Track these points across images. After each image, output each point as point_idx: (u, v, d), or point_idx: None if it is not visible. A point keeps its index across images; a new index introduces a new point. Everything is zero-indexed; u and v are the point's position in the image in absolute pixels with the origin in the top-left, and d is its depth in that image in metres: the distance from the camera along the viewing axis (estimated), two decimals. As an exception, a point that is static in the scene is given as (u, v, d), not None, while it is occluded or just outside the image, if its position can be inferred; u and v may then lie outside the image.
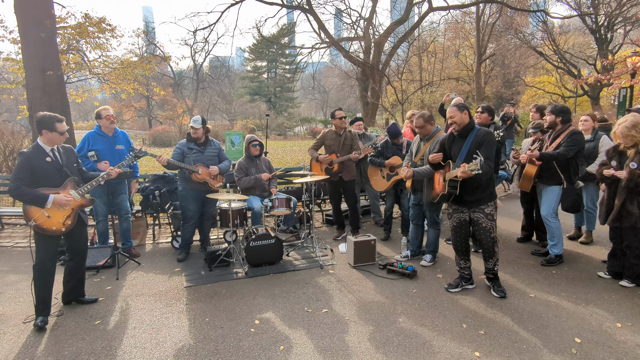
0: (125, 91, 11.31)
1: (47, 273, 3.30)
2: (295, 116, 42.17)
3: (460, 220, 3.71)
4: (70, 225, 3.33)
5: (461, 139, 3.59)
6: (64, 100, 7.53)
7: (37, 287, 3.27)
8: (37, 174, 3.20)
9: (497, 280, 3.77)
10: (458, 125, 3.55)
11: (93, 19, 9.62)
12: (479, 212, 3.57)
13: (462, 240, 3.75)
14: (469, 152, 3.47)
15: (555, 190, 4.27)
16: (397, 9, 25.67)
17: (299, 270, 4.39)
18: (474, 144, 3.47)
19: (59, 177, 3.30)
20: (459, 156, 3.56)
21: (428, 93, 25.52)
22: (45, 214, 3.18)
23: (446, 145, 3.74)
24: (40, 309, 3.27)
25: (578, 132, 4.18)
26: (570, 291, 3.76)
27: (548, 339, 2.98)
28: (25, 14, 6.93)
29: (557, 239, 4.34)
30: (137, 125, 39.37)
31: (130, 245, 4.96)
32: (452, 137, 3.69)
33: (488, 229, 3.57)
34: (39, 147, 3.27)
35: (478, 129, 3.55)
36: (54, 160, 3.30)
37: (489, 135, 3.48)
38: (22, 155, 3.21)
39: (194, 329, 3.18)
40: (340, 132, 5.30)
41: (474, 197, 3.55)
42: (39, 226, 3.16)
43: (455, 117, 3.53)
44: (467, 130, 3.55)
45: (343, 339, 3.01)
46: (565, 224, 4.87)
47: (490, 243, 3.61)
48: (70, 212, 3.32)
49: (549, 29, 22.36)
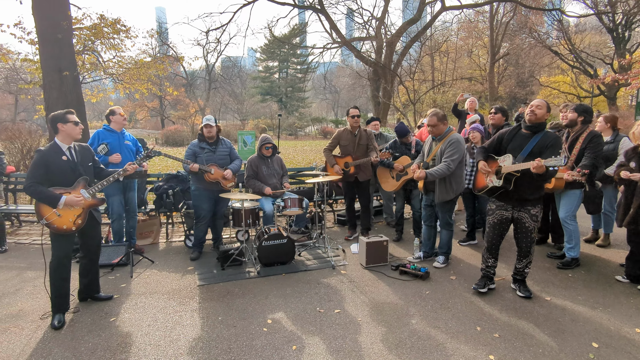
0: (139, 91, 11.46)
1: (63, 270, 3.34)
2: (307, 116, 42.17)
3: (501, 218, 3.62)
4: (80, 224, 3.35)
5: (528, 134, 3.45)
6: (79, 100, 7.66)
7: (54, 283, 3.31)
8: (52, 172, 3.23)
9: (524, 283, 3.71)
10: (537, 118, 3.38)
11: (108, 20, 9.78)
12: (524, 212, 3.49)
13: (498, 238, 3.68)
14: (533, 150, 3.35)
15: (577, 194, 4.18)
16: (409, 9, 25.49)
17: (311, 270, 4.39)
18: (540, 144, 3.35)
19: (73, 176, 3.33)
20: (521, 152, 3.42)
21: (440, 93, 25.30)
22: (56, 212, 3.22)
23: (505, 138, 3.60)
24: (57, 306, 3.31)
25: (598, 135, 4.08)
26: (587, 295, 3.69)
27: (565, 343, 2.92)
28: (43, 16, 7.07)
29: (575, 242, 4.26)
30: (150, 125, 39.85)
31: (134, 242, 5.03)
32: (514, 132, 3.57)
33: (530, 229, 3.51)
34: (56, 146, 3.31)
35: (546, 131, 3.43)
36: (70, 160, 3.33)
37: (558, 140, 3.35)
38: (39, 153, 3.25)
39: (207, 328, 3.20)
40: (355, 132, 5.21)
41: (524, 197, 3.44)
42: (50, 225, 3.20)
43: (541, 110, 3.37)
44: (539, 127, 3.42)
45: (355, 340, 3.00)
46: (582, 226, 4.78)
47: (529, 243, 3.55)
48: (81, 211, 3.34)
49: (564, 27, 21.96)
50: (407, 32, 18.14)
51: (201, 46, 19.99)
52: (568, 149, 4.18)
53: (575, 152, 4.11)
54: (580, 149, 4.07)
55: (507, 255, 4.66)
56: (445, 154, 4.10)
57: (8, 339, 3.08)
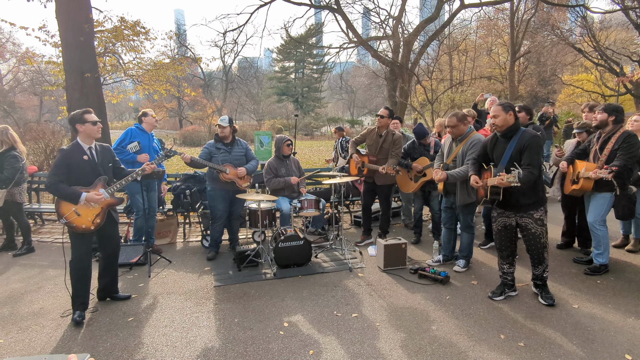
0: (158, 92, 11.62)
1: (84, 268, 3.38)
2: (323, 116, 42.15)
3: (504, 225, 3.50)
4: (99, 223, 3.37)
5: (505, 141, 3.37)
6: (100, 101, 7.80)
7: (74, 282, 3.35)
8: (73, 171, 3.28)
9: (545, 287, 3.56)
10: (499, 126, 3.33)
11: (128, 22, 9.93)
12: (528, 218, 3.36)
13: (507, 244, 3.55)
14: (512, 156, 3.26)
15: (607, 197, 3.98)
16: (427, 7, 25.16)
17: (328, 272, 4.33)
18: (517, 149, 3.26)
19: (93, 175, 3.37)
20: (501, 160, 3.35)
21: (459, 92, 24.86)
22: (76, 212, 3.24)
23: (488, 147, 3.54)
24: (77, 304, 3.35)
25: (632, 135, 3.85)
26: (618, 303, 3.51)
27: (595, 354, 2.78)
28: (66, 19, 7.23)
29: (604, 248, 4.06)
30: (168, 125, 40.51)
31: (152, 242, 5.07)
32: (495, 139, 3.48)
33: (538, 235, 3.36)
34: (78, 145, 3.36)
35: (523, 131, 3.30)
36: (90, 159, 3.37)
37: (535, 139, 3.22)
38: (61, 152, 3.30)
39: (223, 330, 3.18)
40: (382, 133, 5.01)
41: (520, 203, 3.34)
42: (69, 224, 3.24)
43: (499, 118, 3.31)
44: (512, 131, 3.32)
45: (374, 346, 2.93)
46: (611, 230, 4.57)
47: (540, 249, 3.40)
48: (100, 210, 3.37)
49: (588, 24, 21.25)
50: (425, 31, 17.89)
51: (218, 47, 20.18)
52: (599, 150, 3.99)
53: (606, 152, 3.90)
54: (612, 149, 3.86)
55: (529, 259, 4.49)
56: (468, 156, 3.98)
57: (29, 336, 3.12)
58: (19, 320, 3.39)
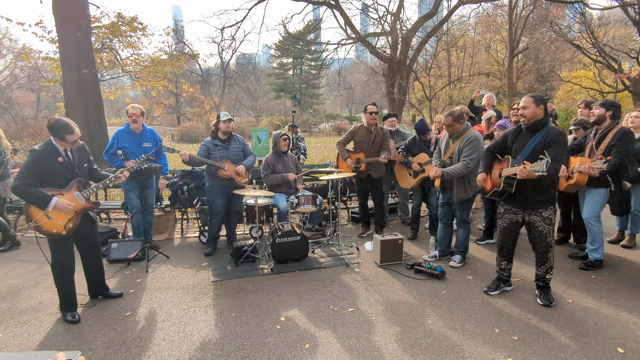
0: (156, 88, 11.61)
1: (66, 271, 3.28)
2: (321, 113, 42.14)
3: (511, 222, 3.48)
4: (72, 228, 3.19)
5: (529, 134, 3.31)
6: (97, 98, 7.79)
7: (59, 285, 3.28)
8: (47, 173, 3.10)
9: (546, 289, 3.50)
10: (529, 119, 3.25)
11: (125, 18, 9.91)
12: (536, 215, 3.31)
13: (510, 242, 3.54)
14: (534, 150, 3.21)
15: (601, 193, 4.01)
16: (425, 3, 25.13)
17: (325, 267, 4.35)
18: (542, 143, 3.20)
19: (69, 176, 3.20)
20: (521, 152, 3.29)
21: (457, 89, 24.88)
22: (47, 215, 3.07)
23: (509, 138, 3.46)
24: (66, 306, 3.31)
25: (629, 132, 3.85)
26: (612, 297, 3.55)
27: (588, 347, 2.82)
28: (63, 15, 7.20)
29: (599, 243, 4.10)
30: (166, 122, 40.43)
31: (150, 238, 5.06)
32: (518, 131, 3.42)
33: (545, 233, 3.32)
34: (52, 147, 3.14)
35: (549, 127, 3.25)
36: (67, 161, 3.20)
37: (562, 136, 3.16)
38: (33, 154, 3.07)
39: (220, 324, 3.20)
40: (372, 129, 5.17)
41: (530, 200, 3.30)
42: (39, 228, 3.06)
43: (529, 110, 3.22)
44: (539, 125, 3.26)
45: (370, 340, 2.96)
46: (607, 226, 4.61)
47: (545, 248, 3.36)
48: (73, 214, 3.18)
49: (587, 20, 21.25)
50: (423, 27, 17.89)
51: (216, 43, 20.18)
52: (595, 146, 4.01)
53: (602, 147, 3.92)
54: (608, 145, 3.88)
55: (527, 256, 4.53)
56: (464, 153, 4.00)
57: (28, 330, 3.14)
58: (17, 314, 3.41)
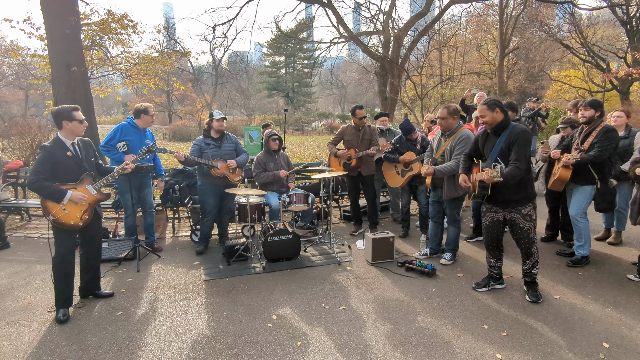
0: (147, 86, 11.52)
1: (68, 265, 3.33)
2: (313, 111, 42.08)
3: (493, 220, 3.54)
4: (87, 219, 3.35)
5: (494, 137, 3.40)
6: (87, 95, 7.71)
7: (57, 279, 3.30)
8: (58, 168, 3.21)
9: (534, 285, 3.56)
10: (490, 124, 3.36)
11: (116, 15, 9.80)
12: (516, 213, 3.39)
13: (495, 239, 3.60)
14: (501, 151, 3.30)
15: (587, 190, 4.09)
16: (417, 2, 25.22)
17: (317, 266, 4.37)
18: (507, 143, 3.28)
19: (79, 171, 3.32)
20: (489, 155, 3.39)
21: (448, 88, 25.02)
22: (63, 208, 3.20)
23: (480, 142, 3.57)
24: (61, 302, 3.30)
25: (612, 129, 3.95)
26: (598, 294, 3.62)
27: (574, 342, 2.88)
28: (51, 11, 7.11)
29: (585, 240, 4.18)
30: (157, 120, 40.01)
31: (153, 239, 5.03)
32: (485, 134, 3.52)
33: (526, 230, 3.39)
34: (60, 142, 3.27)
35: (513, 126, 3.31)
36: (75, 155, 3.31)
37: (523, 134, 3.23)
38: (44, 150, 3.20)
39: (212, 323, 3.20)
40: (360, 127, 5.27)
41: (508, 199, 3.37)
42: (57, 221, 3.19)
43: (486, 117, 3.33)
44: (501, 127, 3.34)
45: (361, 337, 2.98)
46: (593, 223, 4.70)
47: (528, 243, 3.43)
48: (87, 206, 3.35)
49: (576, 21, 21.53)
50: (415, 26, 17.95)
51: (208, 41, 20.02)
52: (580, 143, 4.09)
53: (586, 144, 4.01)
54: (592, 142, 3.97)
55: (516, 253, 4.58)
56: (456, 151, 4.04)
57: (17, 331, 3.12)
58: (6, 315, 3.38)
